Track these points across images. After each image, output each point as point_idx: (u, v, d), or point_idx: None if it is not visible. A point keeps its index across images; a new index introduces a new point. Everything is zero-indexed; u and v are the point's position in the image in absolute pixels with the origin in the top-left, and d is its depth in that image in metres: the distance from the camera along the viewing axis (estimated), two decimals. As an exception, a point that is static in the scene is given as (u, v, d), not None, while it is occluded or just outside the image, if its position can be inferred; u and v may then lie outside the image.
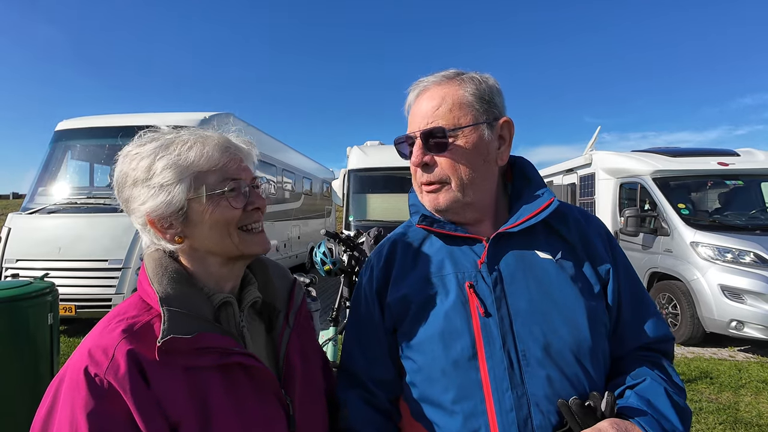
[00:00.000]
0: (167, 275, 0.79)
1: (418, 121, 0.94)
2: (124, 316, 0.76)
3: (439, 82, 0.95)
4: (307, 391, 0.91)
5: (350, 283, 3.00)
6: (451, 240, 0.98)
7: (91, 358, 0.70)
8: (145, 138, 0.84)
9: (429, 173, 0.94)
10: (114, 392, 0.68)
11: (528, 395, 0.83)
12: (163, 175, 0.78)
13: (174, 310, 0.74)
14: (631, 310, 0.96)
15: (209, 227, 0.81)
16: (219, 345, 0.76)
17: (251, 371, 0.80)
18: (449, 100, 0.92)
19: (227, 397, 0.76)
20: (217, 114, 6.78)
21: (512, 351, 0.85)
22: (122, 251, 5.35)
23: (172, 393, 0.71)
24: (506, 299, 0.89)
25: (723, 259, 5.07)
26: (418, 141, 0.93)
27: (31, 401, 2.59)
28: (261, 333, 0.92)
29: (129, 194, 0.81)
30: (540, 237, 0.95)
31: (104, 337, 0.73)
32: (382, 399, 0.98)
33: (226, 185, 0.80)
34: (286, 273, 1.02)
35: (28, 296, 2.58)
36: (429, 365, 0.91)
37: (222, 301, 0.84)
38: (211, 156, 0.80)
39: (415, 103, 0.97)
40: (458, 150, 0.91)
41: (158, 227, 0.81)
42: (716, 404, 3.78)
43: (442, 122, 0.91)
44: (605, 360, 0.92)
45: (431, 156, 0.93)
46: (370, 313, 1.01)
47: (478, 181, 0.94)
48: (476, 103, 0.92)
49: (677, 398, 0.86)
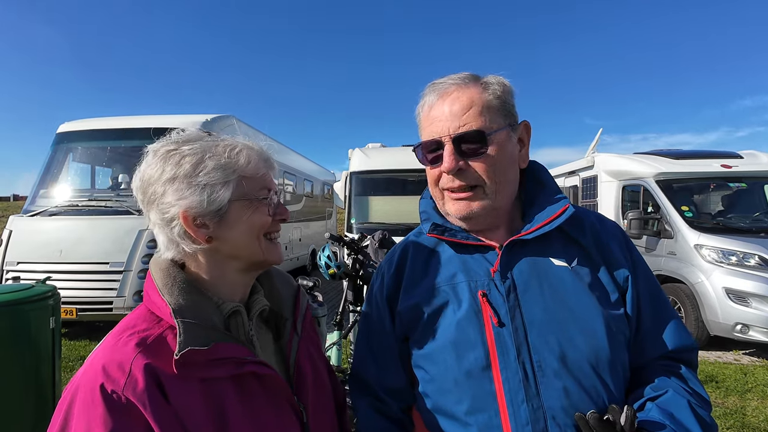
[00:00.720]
0: (177, 285, 0.78)
1: (444, 124, 0.90)
2: (135, 329, 0.75)
3: (461, 85, 0.92)
4: (318, 397, 0.91)
5: (354, 286, 2.97)
6: (462, 248, 0.96)
7: (106, 375, 0.68)
8: (183, 137, 0.83)
9: (461, 178, 0.90)
10: (134, 408, 0.66)
11: (544, 408, 0.81)
12: (211, 174, 0.79)
13: (188, 321, 0.73)
14: (651, 319, 0.93)
15: (243, 230, 0.82)
16: (234, 355, 0.75)
17: (265, 380, 0.80)
18: (478, 104, 0.89)
19: (243, 407, 0.76)
20: (218, 116, 6.78)
21: (527, 362, 0.83)
22: (123, 254, 5.33)
23: (190, 406, 0.70)
24: (520, 308, 0.87)
25: (727, 261, 5.05)
26: (449, 146, 0.89)
27: (34, 405, 2.57)
28: (269, 341, 0.92)
29: (163, 189, 0.79)
30: (555, 244, 0.93)
31: (117, 351, 0.71)
32: (393, 408, 0.97)
33: (263, 193, 0.84)
34: (290, 280, 1.02)
35: (30, 300, 2.56)
36: (441, 375, 0.89)
37: (232, 310, 0.83)
38: (256, 164, 0.83)
39: (437, 105, 0.92)
40: (491, 155, 0.89)
41: (191, 224, 0.79)
42: (723, 409, 3.76)
43: (474, 125, 0.88)
44: (624, 371, 0.89)
45: (465, 161, 0.89)
46: (382, 321, 1.00)
47: (506, 186, 0.92)
48: (501, 106, 0.91)
49: (701, 411, 0.83)
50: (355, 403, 0.99)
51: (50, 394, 2.67)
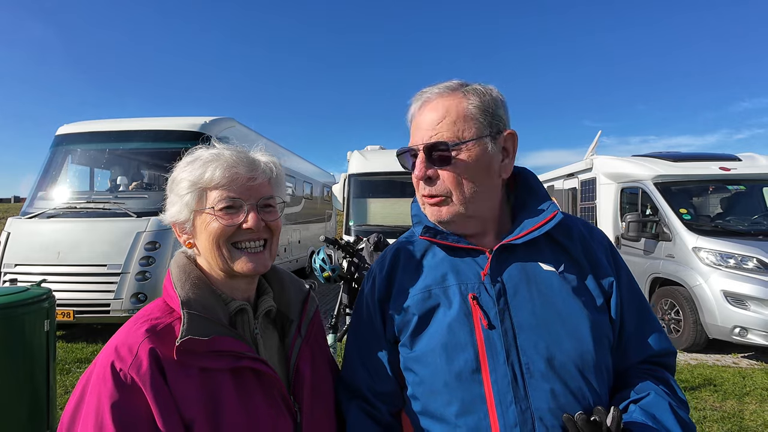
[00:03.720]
0: (189, 281, 0.86)
1: (421, 133, 0.92)
2: (149, 317, 0.83)
3: (443, 94, 0.93)
4: (315, 400, 0.93)
5: (349, 289, 2.97)
6: (454, 251, 0.97)
7: (117, 354, 0.76)
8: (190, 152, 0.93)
9: (431, 186, 0.93)
10: (136, 387, 0.73)
11: (532, 409, 0.82)
12: (180, 186, 0.88)
13: (193, 313, 0.80)
14: (634, 324, 0.95)
15: (205, 239, 0.87)
16: (232, 349, 0.81)
17: (262, 376, 0.84)
18: (453, 113, 0.90)
19: (238, 400, 0.80)
20: (217, 118, 6.78)
21: (516, 364, 0.84)
22: (121, 256, 5.33)
23: (187, 392, 0.76)
24: (510, 311, 0.88)
25: (726, 264, 5.04)
26: (420, 154, 0.92)
27: (28, 408, 2.56)
28: (274, 340, 0.96)
29: (167, 199, 0.92)
30: (543, 249, 0.94)
31: (130, 335, 0.79)
32: (383, 411, 0.97)
33: (221, 202, 0.86)
34: (301, 285, 1.06)
35: (23, 303, 2.55)
36: (431, 378, 0.90)
37: (238, 308, 0.89)
38: (213, 174, 0.86)
39: (418, 114, 0.95)
40: (461, 164, 0.90)
41: (177, 230, 0.92)
42: (720, 412, 3.74)
43: (445, 135, 0.90)
44: (608, 373, 0.91)
45: (434, 169, 0.91)
46: (372, 324, 1.01)
47: (480, 195, 0.92)
48: (480, 115, 0.91)
49: (681, 413, 0.85)
50: (344, 407, 0.99)
51: (44, 397, 2.66)
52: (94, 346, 5.28)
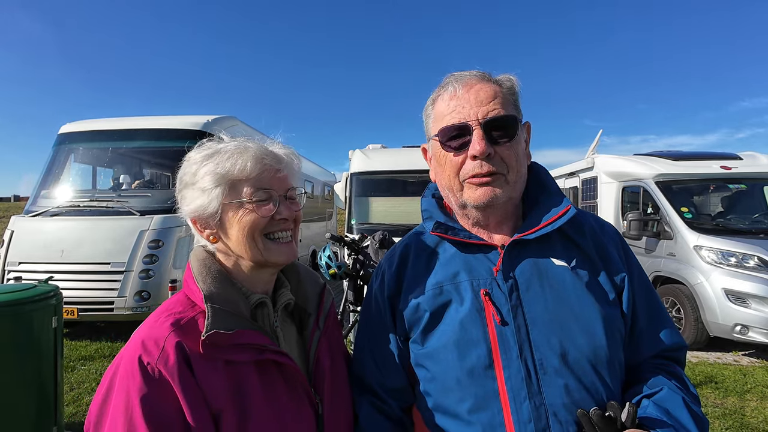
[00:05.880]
0: (210, 275, 0.86)
1: (471, 110, 0.89)
2: (172, 311, 0.83)
3: (483, 79, 0.93)
4: (334, 391, 0.95)
5: (355, 286, 2.99)
6: (465, 247, 0.97)
7: (144, 348, 0.76)
8: (203, 146, 0.91)
9: (489, 163, 0.89)
10: (164, 380, 0.74)
11: (546, 405, 0.82)
12: (204, 180, 0.86)
13: (217, 307, 0.80)
14: (646, 319, 0.95)
15: (237, 231, 0.87)
16: (256, 342, 0.81)
17: (284, 369, 0.85)
18: (500, 95, 0.91)
19: (263, 391, 0.82)
20: (220, 117, 6.77)
21: (529, 360, 0.84)
22: (125, 254, 5.33)
23: (214, 384, 0.77)
24: (522, 307, 0.88)
25: (727, 263, 5.05)
26: (478, 130, 0.88)
27: (36, 404, 2.58)
28: (293, 334, 0.97)
29: (181, 195, 0.90)
30: (555, 245, 0.94)
31: (155, 329, 0.79)
32: (393, 407, 0.98)
33: (255, 194, 0.86)
34: (317, 278, 1.07)
35: (32, 300, 2.57)
36: (443, 374, 0.90)
37: (258, 301, 0.90)
38: (245, 166, 0.85)
39: (461, 94, 0.91)
40: (517, 143, 0.91)
41: (198, 226, 0.90)
42: (722, 409, 3.76)
43: (503, 112, 0.89)
44: (621, 368, 0.91)
45: (493, 148, 0.89)
46: (382, 320, 1.00)
47: (522, 177, 0.94)
48: (515, 103, 0.94)
49: (695, 408, 0.85)
50: (356, 402, 0.99)
51: (52, 393, 2.67)
52: (98, 344, 5.28)
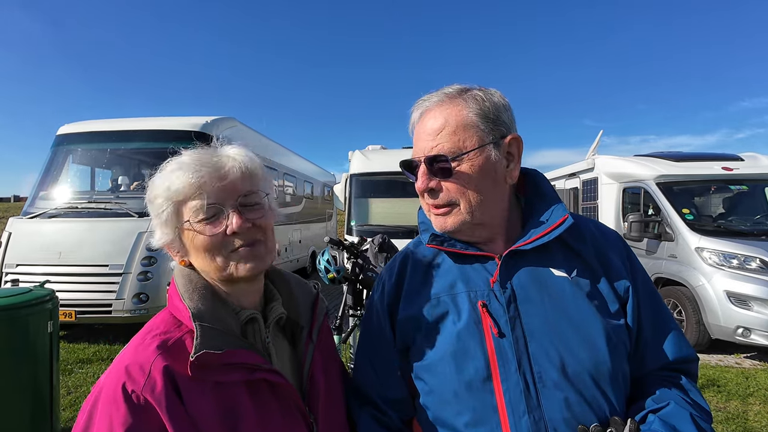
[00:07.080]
0: (197, 291, 0.81)
1: (421, 144, 0.91)
2: (157, 331, 0.78)
3: (441, 102, 0.91)
4: (330, 409, 0.92)
5: (354, 290, 2.96)
6: (462, 258, 0.95)
7: (128, 375, 0.71)
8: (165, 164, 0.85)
9: (435, 197, 0.91)
10: (151, 409, 0.69)
11: (545, 419, 0.80)
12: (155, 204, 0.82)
13: (206, 325, 0.76)
14: (652, 329, 0.92)
15: (196, 254, 0.83)
16: (248, 361, 0.77)
17: (276, 388, 0.81)
18: (452, 122, 0.89)
19: (255, 412, 0.77)
20: (219, 118, 6.76)
21: (528, 373, 0.82)
22: (123, 256, 5.32)
23: (203, 409, 0.73)
24: (520, 319, 0.86)
25: (728, 264, 5.03)
26: (422, 166, 0.90)
27: (31, 408, 2.56)
28: (285, 348, 0.93)
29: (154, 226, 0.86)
30: (555, 254, 0.92)
31: (140, 353, 0.74)
32: (393, 419, 0.96)
33: (197, 213, 0.79)
34: (309, 288, 1.02)
35: (27, 304, 2.55)
36: (441, 387, 0.88)
37: (248, 317, 0.85)
38: (179, 186, 0.79)
39: (419, 124, 0.94)
40: (463, 174, 0.88)
41: (170, 251, 0.86)
42: (724, 413, 3.73)
43: (446, 146, 0.88)
44: (625, 382, 0.88)
45: (437, 181, 0.90)
46: (382, 331, 0.99)
47: (486, 203, 0.90)
48: (481, 123, 0.89)
49: (703, 424, 0.82)
50: (355, 414, 0.98)
51: (47, 398, 2.65)
52: (96, 347, 5.27)
